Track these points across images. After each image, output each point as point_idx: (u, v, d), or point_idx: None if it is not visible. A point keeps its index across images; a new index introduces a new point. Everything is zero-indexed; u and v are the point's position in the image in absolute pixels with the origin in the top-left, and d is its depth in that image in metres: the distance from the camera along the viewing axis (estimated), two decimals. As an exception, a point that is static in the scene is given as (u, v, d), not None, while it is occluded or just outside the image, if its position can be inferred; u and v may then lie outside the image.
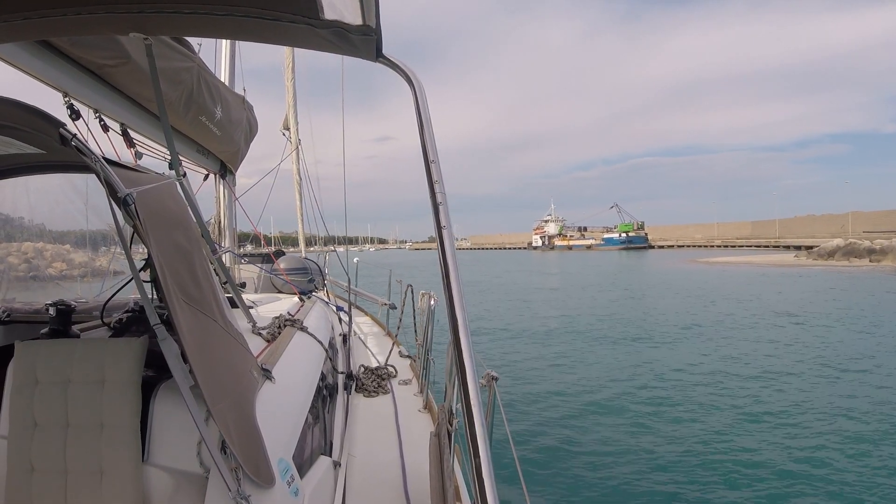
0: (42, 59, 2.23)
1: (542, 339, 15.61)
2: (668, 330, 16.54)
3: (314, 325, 3.20)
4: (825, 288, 28.45)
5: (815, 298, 23.84)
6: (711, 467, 6.61)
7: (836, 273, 38.56)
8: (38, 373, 1.68)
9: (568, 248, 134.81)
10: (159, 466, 1.60)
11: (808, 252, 55.68)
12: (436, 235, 1.58)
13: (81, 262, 4.03)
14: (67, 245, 4.00)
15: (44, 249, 3.85)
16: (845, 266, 45.37)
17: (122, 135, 3.01)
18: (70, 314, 2.18)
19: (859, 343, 14.01)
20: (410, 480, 2.83)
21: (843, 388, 9.91)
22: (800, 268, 45.04)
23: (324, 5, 1.36)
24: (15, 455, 1.66)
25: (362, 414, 3.90)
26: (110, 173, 1.38)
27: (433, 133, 1.79)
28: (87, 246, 4.03)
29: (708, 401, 9.28)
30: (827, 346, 13.73)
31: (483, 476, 1.15)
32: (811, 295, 25.32)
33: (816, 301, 22.85)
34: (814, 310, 20.15)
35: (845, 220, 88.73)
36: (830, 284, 30.40)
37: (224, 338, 1.73)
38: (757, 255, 67.71)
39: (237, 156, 5.00)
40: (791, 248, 75.06)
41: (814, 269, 43.64)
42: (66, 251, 4.04)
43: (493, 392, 2.25)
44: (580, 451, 7.14)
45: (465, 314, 1.39)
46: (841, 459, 6.73)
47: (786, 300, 23.33)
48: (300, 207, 9.77)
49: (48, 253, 3.99)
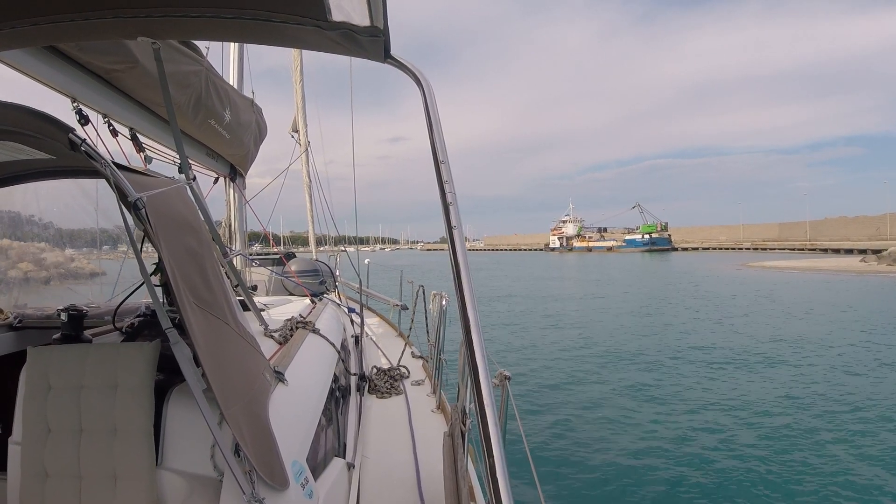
0: (50, 64, 2.24)
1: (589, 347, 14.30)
2: (797, 351, 13.40)
3: (326, 327, 3.20)
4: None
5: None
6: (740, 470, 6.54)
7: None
8: (51, 378, 1.69)
9: (587, 249, 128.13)
10: (173, 470, 1.59)
11: (878, 256, 48.74)
12: (446, 236, 1.56)
13: (92, 266, 4.05)
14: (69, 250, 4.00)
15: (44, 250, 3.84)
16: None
17: (131, 139, 3.02)
18: (82, 319, 2.19)
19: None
20: (424, 481, 2.82)
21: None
22: (880, 275, 38.18)
23: (331, 7, 1.35)
24: (29, 461, 1.66)
25: (375, 415, 3.89)
26: (120, 178, 1.37)
27: (443, 134, 1.78)
28: (98, 250, 4.05)
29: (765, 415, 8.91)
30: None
31: (497, 476, 1.13)
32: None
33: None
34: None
35: (881, 222, 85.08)
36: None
37: (236, 341, 1.73)
38: (809, 259, 60.69)
39: (247, 158, 5.01)
40: (829, 252, 71.00)
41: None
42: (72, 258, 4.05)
43: (507, 392, 2.23)
44: (595, 451, 7.09)
45: (477, 314, 1.37)
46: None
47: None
48: (310, 209, 9.81)
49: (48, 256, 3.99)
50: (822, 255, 70.39)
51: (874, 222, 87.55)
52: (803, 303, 23.19)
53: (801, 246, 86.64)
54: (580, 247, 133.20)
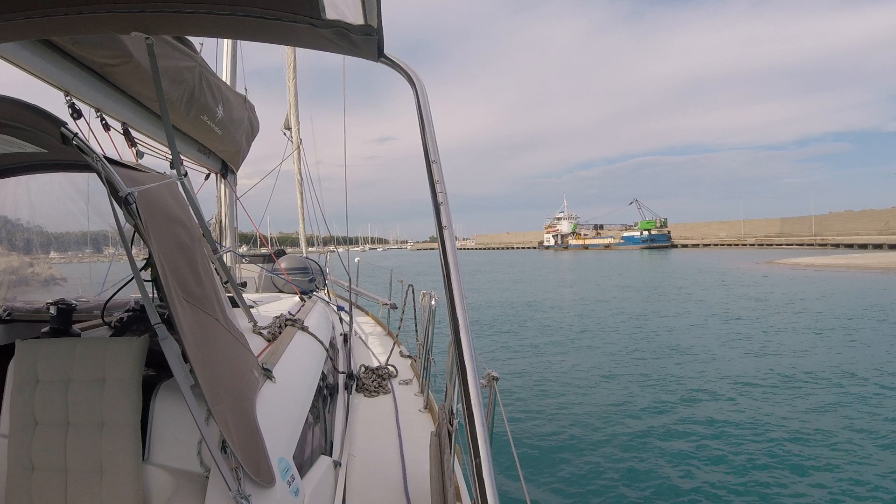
0: (44, 58, 2.23)
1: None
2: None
3: (315, 325, 3.20)
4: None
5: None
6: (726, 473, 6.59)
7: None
8: (39, 371, 1.68)
9: (584, 247, 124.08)
10: (160, 465, 1.60)
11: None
12: (437, 235, 1.58)
13: (82, 261, 4.02)
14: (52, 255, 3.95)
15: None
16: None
17: (123, 134, 3.01)
18: (71, 313, 2.19)
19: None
20: (411, 480, 2.83)
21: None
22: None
23: (325, 5, 1.36)
24: (15, 454, 1.66)
25: (363, 414, 3.89)
26: (111, 172, 1.38)
27: (434, 133, 1.79)
28: (88, 245, 4.03)
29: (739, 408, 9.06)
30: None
31: (483, 476, 1.15)
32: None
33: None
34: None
35: (890, 216, 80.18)
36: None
37: (225, 337, 1.73)
38: (839, 255, 52.45)
39: (238, 155, 5.01)
40: (840, 247, 67.79)
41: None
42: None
43: (494, 392, 2.25)
44: (581, 451, 7.14)
45: (467, 314, 1.39)
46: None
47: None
48: (301, 207, 9.78)
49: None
50: (835, 250, 65.54)
51: (882, 216, 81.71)
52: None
53: (810, 241, 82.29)
54: (576, 244, 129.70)
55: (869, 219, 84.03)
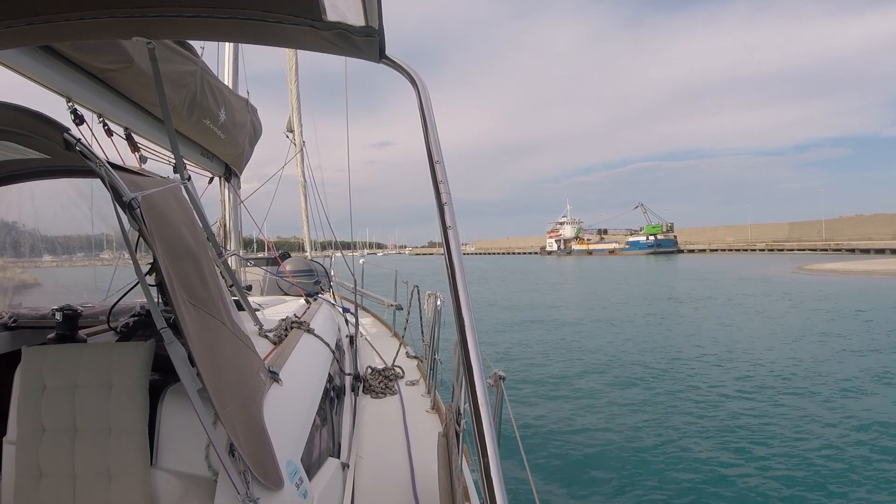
0: (45, 64, 2.23)
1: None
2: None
3: (321, 327, 3.20)
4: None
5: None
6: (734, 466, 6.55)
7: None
8: (46, 378, 1.68)
9: (588, 252, 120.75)
10: (167, 470, 1.59)
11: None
12: (441, 236, 1.57)
13: (86, 266, 4.02)
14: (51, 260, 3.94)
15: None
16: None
17: (126, 139, 3.01)
18: (76, 319, 2.19)
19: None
20: (419, 481, 2.83)
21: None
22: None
23: (326, 7, 1.36)
24: (23, 460, 1.66)
25: (370, 415, 3.89)
26: (115, 177, 1.37)
27: (437, 134, 1.78)
28: (92, 250, 4.04)
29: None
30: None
31: (492, 476, 1.14)
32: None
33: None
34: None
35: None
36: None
37: (231, 340, 1.73)
38: (872, 260, 49.25)
39: (242, 158, 5.01)
40: (856, 252, 64.81)
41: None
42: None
43: (501, 391, 2.24)
44: (589, 450, 7.12)
45: (472, 314, 1.38)
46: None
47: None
48: (305, 209, 9.79)
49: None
50: (850, 255, 62.36)
51: (895, 220, 78.22)
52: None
53: (823, 246, 78.36)
54: (579, 249, 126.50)
55: (881, 223, 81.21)
